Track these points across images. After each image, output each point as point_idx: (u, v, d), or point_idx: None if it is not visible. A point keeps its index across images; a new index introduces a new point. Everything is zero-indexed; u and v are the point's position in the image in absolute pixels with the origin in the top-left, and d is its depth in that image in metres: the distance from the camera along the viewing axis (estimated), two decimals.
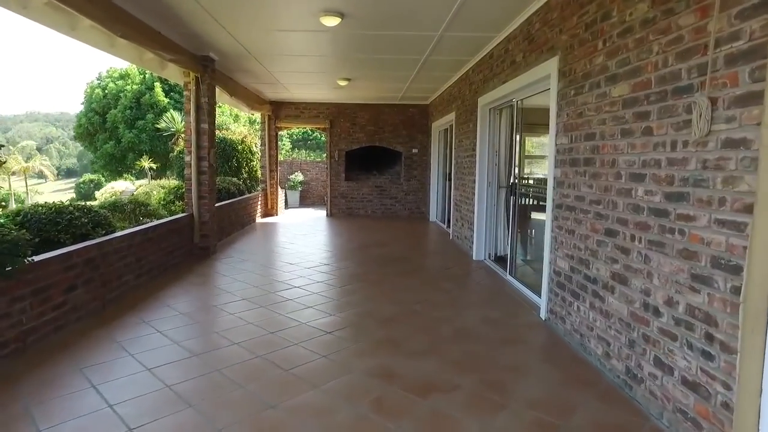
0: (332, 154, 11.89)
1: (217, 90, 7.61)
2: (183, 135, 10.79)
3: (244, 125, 21.20)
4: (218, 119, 18.50)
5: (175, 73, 6.35)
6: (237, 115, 23.63)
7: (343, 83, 8.63)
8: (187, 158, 6.49)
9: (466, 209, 7.39)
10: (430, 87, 9.45)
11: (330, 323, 4.15)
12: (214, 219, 6.94)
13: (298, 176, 16.14)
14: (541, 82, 4.51)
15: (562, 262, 3.92)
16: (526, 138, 5.79)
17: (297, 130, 27.93)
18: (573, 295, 3.68)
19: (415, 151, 11.95)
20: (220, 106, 18.61)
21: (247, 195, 10.31)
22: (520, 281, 5.36)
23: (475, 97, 6.90)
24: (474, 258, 6.82)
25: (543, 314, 4.26)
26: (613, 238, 3.08)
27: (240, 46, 6.18)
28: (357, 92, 10.35)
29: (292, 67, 7.60)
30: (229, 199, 9.12)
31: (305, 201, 16.36)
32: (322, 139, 20.47)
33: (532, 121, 5.44)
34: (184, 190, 7.05)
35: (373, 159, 12.53)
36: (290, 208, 15.11)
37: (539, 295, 4.44)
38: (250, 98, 9.55)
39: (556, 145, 4.03)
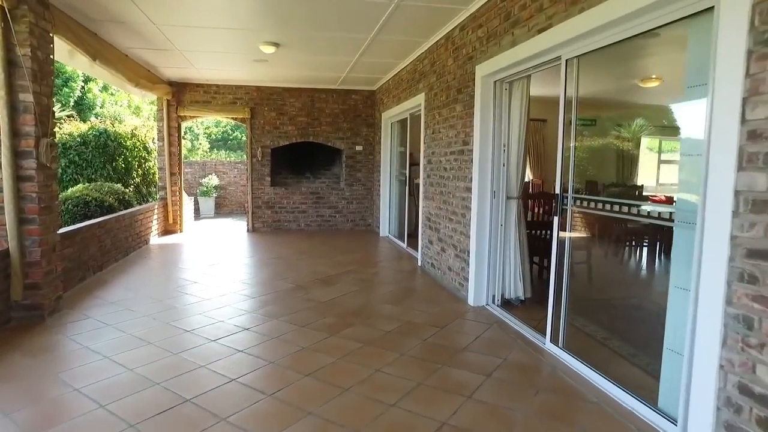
0: (254, 153, 9.29)
1: (68, 48, 4.86)
2: None
3: (151, 119, 17.65)
4: (110, 109, 15.10)
5: None
6: (139, 107, 19.87)
7: (268, 50, 6.14)
8: None
9: (451, 229, 5.21)
10: (384, 64, 7.19)
11: None
12: (55, 255, 4.22)
13: (213, 180, 13.28)
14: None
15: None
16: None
17: (217, 127, 24.42)
18: None
19: (359, 148, 9.66)
20: (112, 93, 15.09)
21: (136, 208, 7.49)
22: (594, 368, 3.24)
23: (467, 66, 4.73)
24: (472, 303, 4.64)
25: None
26: None
27: None
28: (286, 71, 7.88)
29: (191, 18, 5.03)
30: (102, 216, 6.32)
31: (222, 209, 13.52)
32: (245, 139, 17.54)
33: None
34: None
35: (306, 158, 10.07)
36: (203, 218, 12.25)
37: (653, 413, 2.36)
38: (135, 72, 6.77)
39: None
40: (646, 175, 8.38)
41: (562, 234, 3.44)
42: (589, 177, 5.99)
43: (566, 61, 3.30)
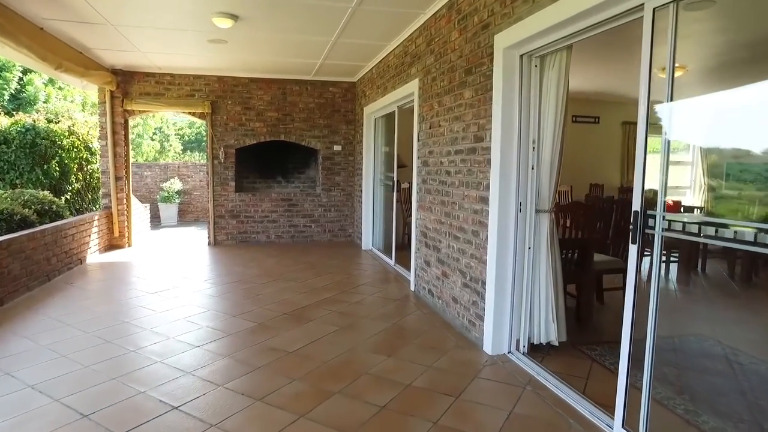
0: (215, 154, 8.01)
1: None
2: None
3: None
4: (57, 105, 13.53)
5: None
6: (95, 104, 18.17)
7: (223, 23, 4.91)
8: None
9: (458, 250, 4.06)
10: (367, 48, 6.03)
11: None
12: None
13: (175, 184, 11.91)
14: None
15: None
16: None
17: (191, 128, 22.70)
18: None
19: (337, 148, 8.46)
20: (60, 87, 13.32)
21: (65, 221, 6.14)
22: None
23: (480, 38, 3.60)
24: (489, 351, 3.50)
25: None
26: None
27: None
28: (251, 57, 6.65)
29: None
30: (18, 231, 4.99)
31: (186, 216, 12.15)
32: None
33: None
34: None
35: (277, 160, 8.82)
36: (164, 226, 10.92)
37: None
38: (55, 51, 5.44)
39: None
40: None
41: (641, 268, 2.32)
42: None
43: (654, 10, 2.18)
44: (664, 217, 2.18)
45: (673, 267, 5.30)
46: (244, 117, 8.05)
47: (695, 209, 5.58)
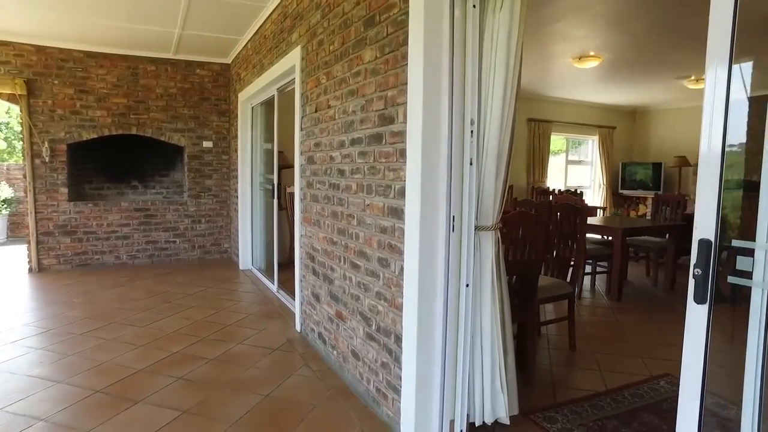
0: (36, 151, 6.02)
1: None
2: None
3: None
4: None
5: None
6: None
7: None
8: None
9: (357, 284, 2.81)
10: (239, 8, 4.60)
11: None
12: None
13: (3, 191, 9.40)
14: None
15: None
16: None
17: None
18: None
19: (208, 145, 6.85)
20: None
21: None
22: None
23: None
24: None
25: None
26: None
27: None
28: (86, 20, 4.89)
29: None
30: None
31: (21, 231, 9.62)
32: None
33: None
34: None
35: (128, 160, 6.97)
36: None
37: None
38: None
39: None
40: None
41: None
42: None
43: None
44: None
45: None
46: (80, 103, 6.15)
47: None
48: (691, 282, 1.17)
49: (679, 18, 4.73)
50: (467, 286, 2.21)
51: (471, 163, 2.15)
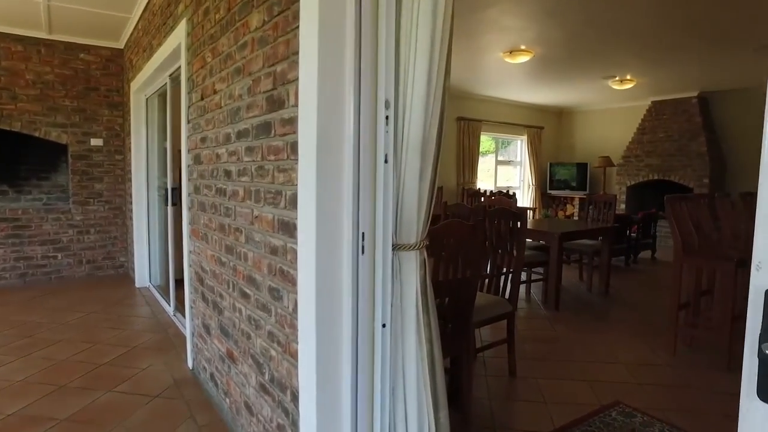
0: None
1: None
2: None
3: None
4: None
5: None
6: None
7: None
8: None
9: (248, 318, 2.17)
10: None
11: None
12: None
13: None
14: None
15: None
16: None
17: None
18: None
19: (97, 142, 5.87)
20: None
21: None
22: None
23: None
24: None
25: None
26: None
27: None
28: None
29: None
30: None
31: None
32: None
33: None
34: None
35: (2, 159, 5.83)
36: None
37: None
38: None
39: None
40: None
41: None
42: None
43: None
44: None
45: None
46: None
47: None
48: (752, 364, 0.66)
49: (615, 13, 4.48)
50: (384, 326, 1.64)
51: (386, 161, 1.58)
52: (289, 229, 1.74)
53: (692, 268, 3.55)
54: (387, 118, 1.57)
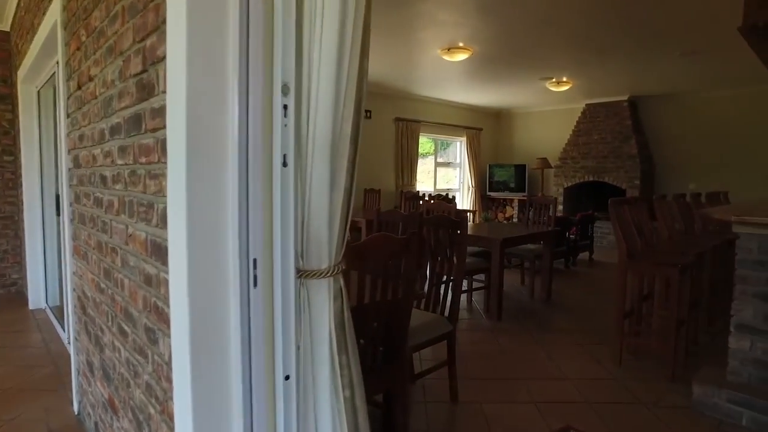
0: None
1: None
2: None
3: None
4: None
5: None
6: None
7: None
8: None
9: (126, 361, 1.71)
10: None
11: None
12: None
13: None
14: None
15: None
16: None
17: None
18: None
19: None
20: None
21: None
22: None
23: None
24: None
25: None
26: None
27: None
28: None
29: None
30: None
31: None
32: None
33: None
34: None
35: None
36: None
37: None
38: None
39: None
40: None
41: None
42: None
43: None
44: None
45: None
46: None
47: None
48: None
49: (549, 10, 4.32)
50: (287, 378, 1.27)
51: (285, 163, 1.21)
52: (161, 253, 1.33)
53: (637, 274, 3.41)
54: (285, 107, 1.19)
